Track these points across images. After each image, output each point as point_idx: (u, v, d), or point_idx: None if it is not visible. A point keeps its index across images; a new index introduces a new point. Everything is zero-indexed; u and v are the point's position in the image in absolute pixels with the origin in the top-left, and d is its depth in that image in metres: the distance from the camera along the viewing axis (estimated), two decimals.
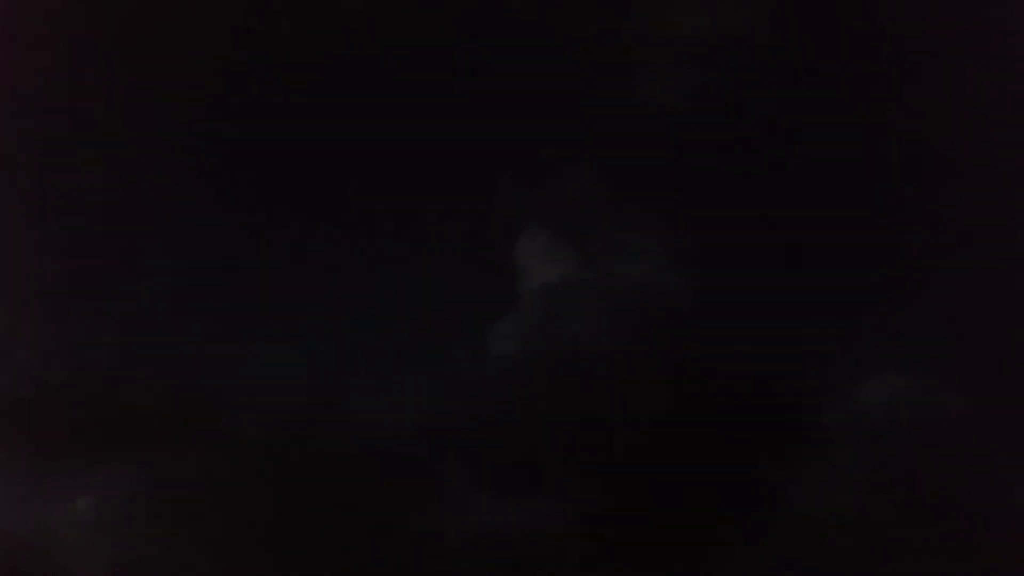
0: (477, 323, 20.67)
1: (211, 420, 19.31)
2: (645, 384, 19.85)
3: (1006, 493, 18.54)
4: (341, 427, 20.19)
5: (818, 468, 19.74)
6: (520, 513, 19.47)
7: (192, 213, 20.55)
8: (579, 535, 19.35)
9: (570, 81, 21.65)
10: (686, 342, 20.35)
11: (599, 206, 21.25)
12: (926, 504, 18.82)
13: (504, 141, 21.25)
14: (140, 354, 19.46)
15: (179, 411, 19.63)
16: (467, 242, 21.13)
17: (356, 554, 18.93)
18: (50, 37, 20.16)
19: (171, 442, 19.32)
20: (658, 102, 21.53)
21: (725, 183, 20.97)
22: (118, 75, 20.73)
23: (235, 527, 18.79)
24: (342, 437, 19.79)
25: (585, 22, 21.63)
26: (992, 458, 18.80)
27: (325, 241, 21.00)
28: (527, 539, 19.22)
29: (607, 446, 19.71)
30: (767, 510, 19.48)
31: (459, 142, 21.16)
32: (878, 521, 19.02)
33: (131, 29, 20.94)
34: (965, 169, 20.35)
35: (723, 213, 20.70)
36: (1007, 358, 18.97)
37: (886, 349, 19.87)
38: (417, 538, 19.31)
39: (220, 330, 20.19)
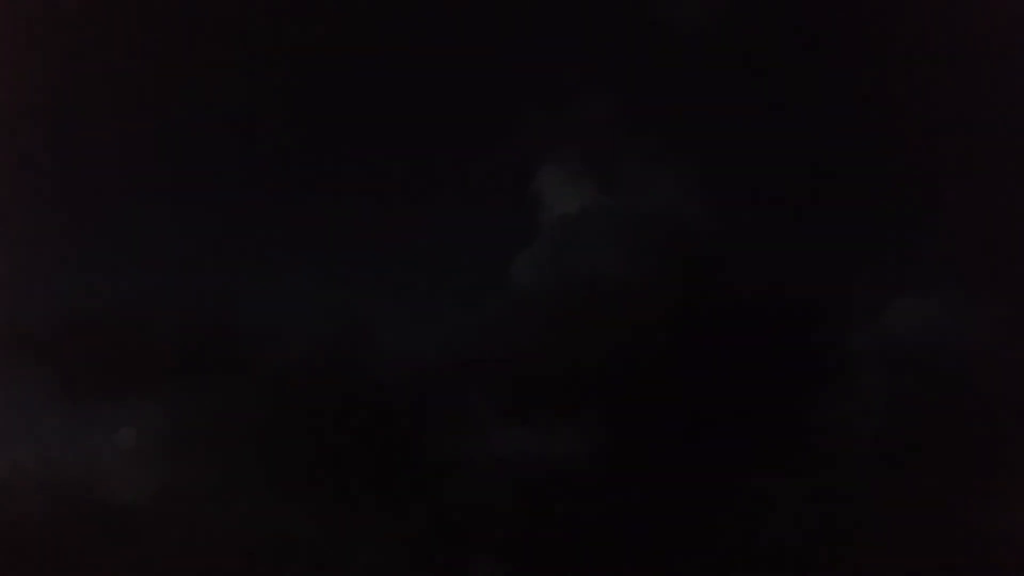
0: (499, 254, 20.81)
1: (240, 352, 19.84)
2: (666, 313, 19.82)
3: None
4: (367, 357, 20.57)
5: (844, 393, 19.63)
6: (542, 441, 19.79)
7: (217, 147, 20.97)
8: (600, 463, 19.58)
9: (589, 9, 21.41)
10: (708, 271, 20.22)
11: (619, 136, 21.18)
12: (951, 429, 18.67)
13: (524, 72, 21.17)
14: (166, 289, 20.04)
15: (207, 343, 20.21)
16: (488, 174, 21.20)
17: (381, 480, 19.42)
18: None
19: (201, 374, 19.93)
20: (679, 29, 21.23)
21: (747, 110, 20.63)
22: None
23: (266, 456, 19.37)
24: (368, 367, 20.18)
25: None
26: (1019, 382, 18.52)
27: (349, 175, 21.30)
28: (549, 466, 19.52)
29: (627, 375, 19.80)
30: (791, 437, 19.45)
31: (480, 74, 21.17)
32: (903, 446, 18.92)
33: None
34: (996, 91, 19.74)
35: (745, 140, 20.38)
36: None
37: (913, 272, 19.59)
38: (442, 465, 19.73)
39: (246, 264, 20.68)
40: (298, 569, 18.85)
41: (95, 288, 19.84)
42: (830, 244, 19.85)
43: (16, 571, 17.28)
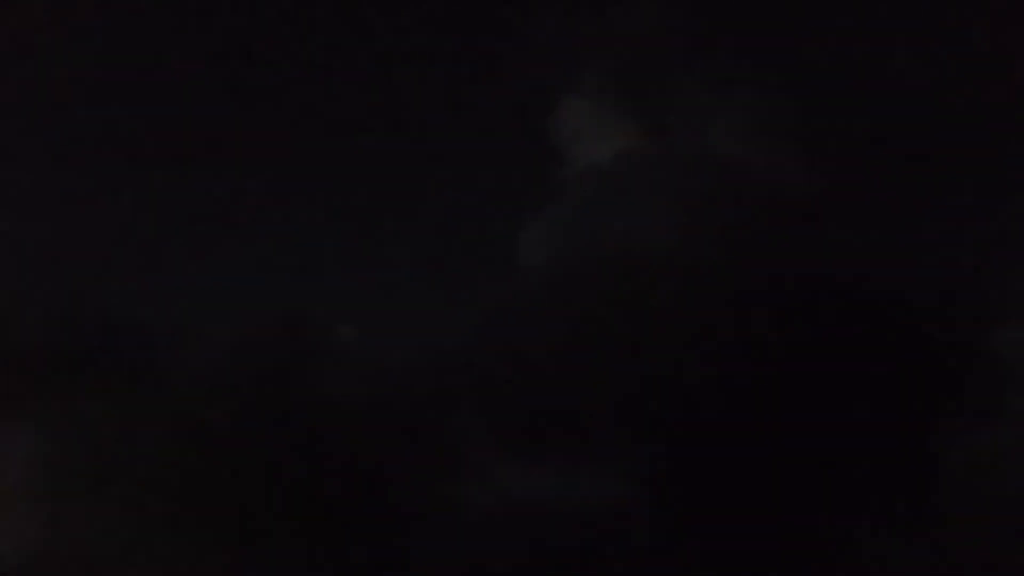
0: (502, 223, 15.55)
1: (129, 361, 14.74)
2: (729, 304, 14.50)
3: None
4: (327, 365, 15.52)
5: (985, 418, 14.45)
6: (556, 485, 14.56)
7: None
8: (637, 511, 14.41)
9: None
10: (784, 239, 14.93)
11: (662, 53, 15.23)
12: None
13: None
14: (37, 282, 15.01)
15: (117, 349, 15.28)
16: (491, 108, 15.69)
17: (339, 538, 14.37)
18: None
19: (80, 390, 14.92)
20: None
21: (828, 24, 15.14)
22: None
23: (178, 502, 14.35)
24: (318, 377, 15.09)
25: None
26: None
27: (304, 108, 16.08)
28: (570, 520, 14.29)
29: (676, 390, 14.50)
30: (908, 479, 14.29)
31: None
32: None
33: None
34: None
35: (842, 66, 15.08)
36: None
37: None
38: (424, 516, 14.64)
39: (142, 241, 15.53)
40: None
41: None
42: (966, 221, 14.42)
43: None
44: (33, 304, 15.04)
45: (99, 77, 15.76)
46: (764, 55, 14.76)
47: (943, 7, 14.48)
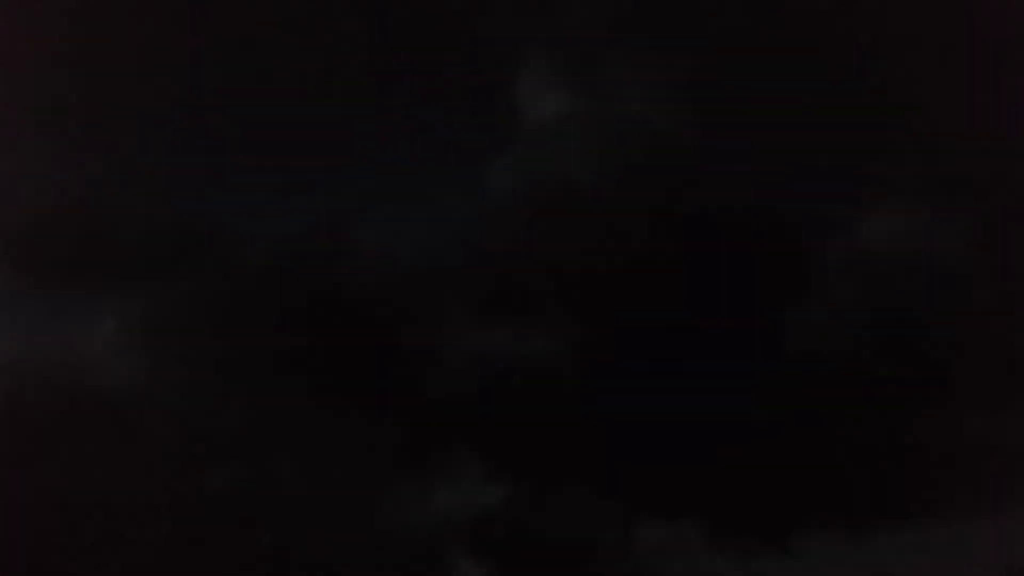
0: (476, 158, 20.88)
1: (212, 248, 20.13)
2: (639, 223, 20.02)
3: (996, 328, 18.65)
4: (341, 257, 20.86)
5: (818, 305, 19.96)
6: (516, 344, 20.24)
7: (189, 48, 20.79)
8: (572, 363, 20.08)
9: None
10: (685, 178, 20.34)
11: (600, 36, 20.94)
12: (918, 340, 19.03)
13: None
14: (143, 187, 20.20)
15: (179, 239, 20.47)
16: (467, 75, 21.07)
17: (358, 376, 19.94)
18: None
19: (174, 269, 20.29)
20: None
21: (729, 16, 20.39)
22: None
23: (242, 351, 19.85)
24: (342, 266, 20.48)
25: None
26: (986, 294, 18.83)
27: (321, 78, 21.21)
28: (523, 368, 20.00)
29: (599, 282, 20.10)
30: (762, 349, 19.84)
31: None
32: (869, 357, 19.29)
33: None
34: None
35: (726, 47, 20.14)
36: (1005, 192, 18.72)
37: (887, 184, 19.69)
38: (418, 363, 20.23)
39: (218, 162, 20.80)
40: (275, 464, 19.53)
41: (63, 183, 20.05)
42: (807, 157, 19.82)
43: (8, 461, 17.79)
44: (132, 201, 20.33)
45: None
46: (667, 41, 20.17)
47: None
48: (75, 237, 19.90)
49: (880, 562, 16.94)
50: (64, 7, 20.11)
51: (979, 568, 16.56)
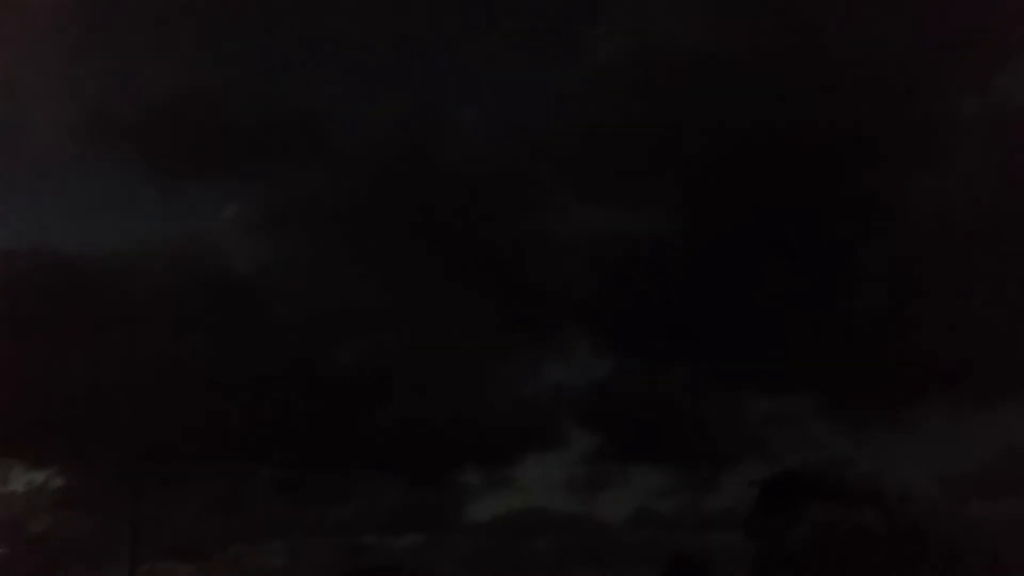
0: (576, 28, 20.44)
1: (323, 133, 20.55)
2: (756, 87, 19.34)
3: None
4: (449, 139, 21.07)
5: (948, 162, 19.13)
6: (625, 219, 20.30)
7: None
8: (683, 240, 20.02)
9: None
10: (805, 35, 19.34)
11: None
12: None
13: None
14: (249, 75, 20.63)
15: (292, 125, 20.98)
16: None
17: (464, 255, 20.37)
18: None
19: (290, 154, 20.86)
20: None
21: None
22: None
23: (357, 231, 20.46)
24: (447, 147, 20.68)
25: None
26: None
27: None
28: (627, 244, 20.04)
29: (713, 155, 19.66)
30: (879, 220, 19.36)
31: None
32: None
33: None
34: None
35: None
36: None
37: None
38: (522, 246, 20.50)
39: (330, 52, 21.01)
40: (397, 339, 20.34)
41: (180, 75, 20.56)
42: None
43: (143, 339, 18.74)
44: (248, 91, 20.82)
45: None
46: None
47: None
48: (193, 127, 20.56)
49: (999, 435, 16.88)
50: None
51: None
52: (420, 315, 19.97)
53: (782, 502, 12.84)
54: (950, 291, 18.42)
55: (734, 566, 12.96)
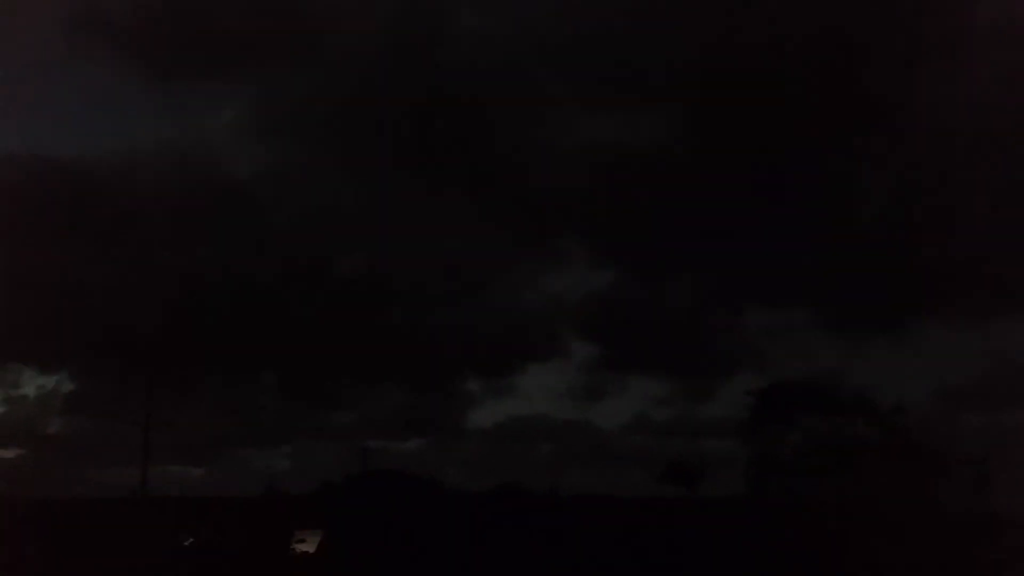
0: None
1: (319, 38, 19.87)
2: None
3: None
4: (446, 42, 20.38)
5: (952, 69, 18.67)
6: (625, 129, 19.90)
7: None
8: (683, 150, 19.68)
9: None
10: None
11: None
12: None
13: None
14: None
15: (286, 27, 20.27)
16: None
17: (465, 163, 20.03)
18: None
19: (280, 55, 20.23)
20: None
21: None
22: None
23: (349, 136, 20.02)
24: (447, 52, 20.05)
25: None
26: None
27: None
28: (627, 154, 19.69)
29: (718, 62, 19.14)
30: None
31: None
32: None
33: None
34: None
35: None
36: None
37: None
38: (522, 155, 20.15)
39: None
40: (392, 245, 20.15)
41: None
42: None
43: (145, 243, 18.47)
44: None
45: None
46: None
47: None
48: (184, 24, 19.86)
49: (997, 348, 16.89)
50: None
51: None
52: (419, 222, 19.79)
53: (777, 411, 12.99)
54: (951, 205, 18.48)
55: (728, 472, 13.27)
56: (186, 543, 10.98)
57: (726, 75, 19.15)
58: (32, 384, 20.25)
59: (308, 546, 11.06)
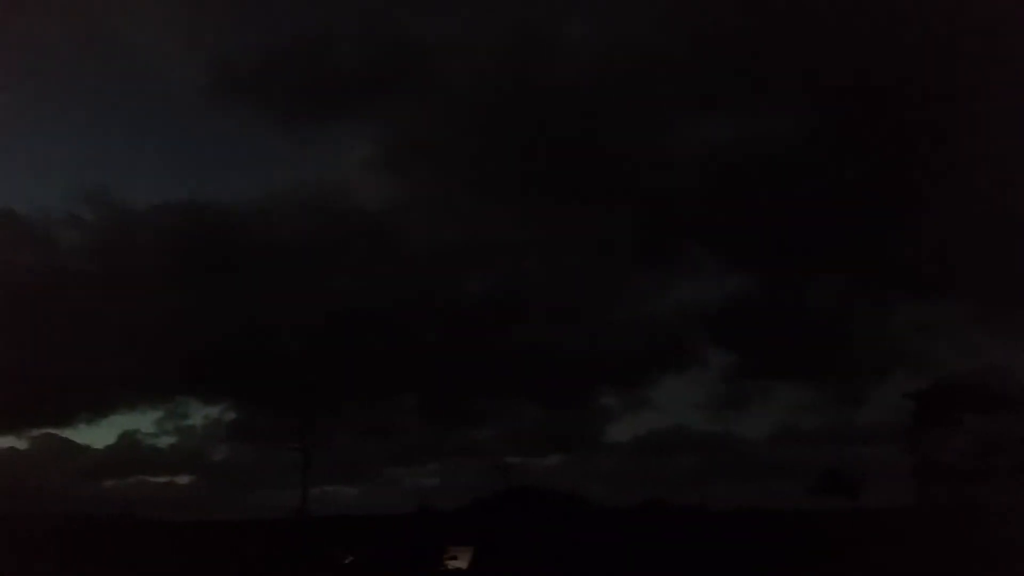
0: None
1: (433, 70, 20.41)
2: None
3: None
4: (558, 57, 20.49)
5: None
6: (742, 128, 19.31)
7: None
8: (808, 145, 18.93)
9: None
10: None
11: None
12: None
13: None
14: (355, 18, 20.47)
15: (400, 61, 20.87)
16: None
17: (581, 175, 19.94)
18: None
19: (400, 97, 20.90)
20: None
21: None
22: None
23: (477, 163, 20.39)
24: (555, 67, 20.08)
25: None
26: None
27: None
28: (752, 153, 19.10)
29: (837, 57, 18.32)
30: None
31: None
32: None
33: None
34: None
35: None
36: None
37: None
38: (644, 163, 19.91)
39: None
40: (521, 264, 20.41)
41: (292, 25, 20.66)
42: None
43: (291, 280, 19.38)
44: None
45: None
46: None
47: None
48: (306, 70, 20.87)
49: None
50: None
51: None
52: (545, 240, 19.89)
53: (941, 414, 12.25)
54: None
55: (889, 481, 12.49)
56: (346, 561, 11.48)
57: (855, 64, 18.45)
58: (198, 415, 21.59)
59: (460, 563, 11.32)
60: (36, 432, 18.72)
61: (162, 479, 19.30)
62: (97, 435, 26.41)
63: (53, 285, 18.49)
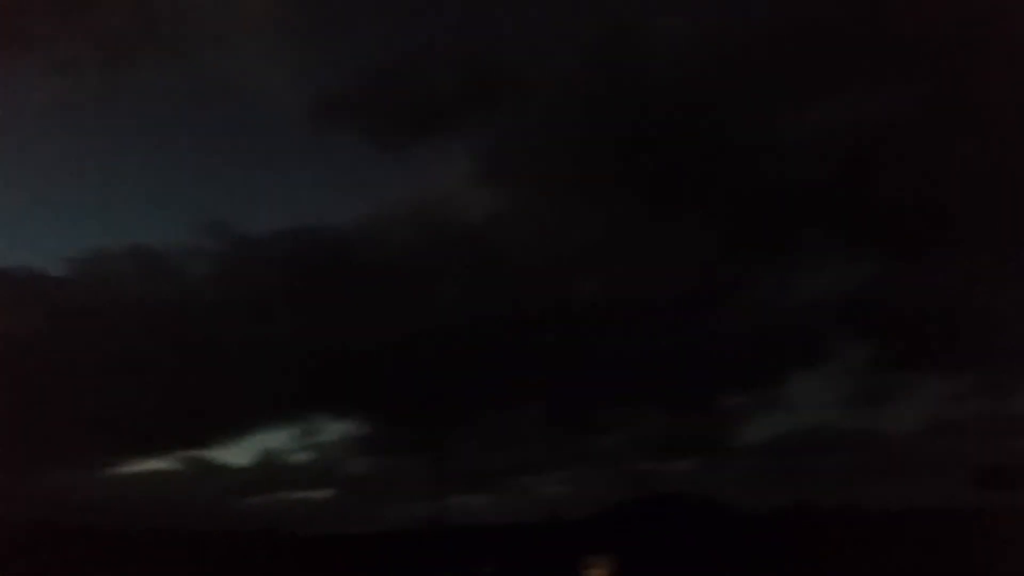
0: None
1: (526, 81, 20.45)
2: None
3: None
4: (656, 52, 20.23)
5: None
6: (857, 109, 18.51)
7: None
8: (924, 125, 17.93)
9: None
10: None
11: None
12: None
13: None
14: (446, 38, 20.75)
15: (492, 80, 20.92)
16: None
17: (687, 172, 19.52)
18: None
19: (496, 109, 21.08)
20: None
21: None
22: None
23: (573, 171, 20.32)
24: (649, 62, 19.81)
25: None
26: None
27: None
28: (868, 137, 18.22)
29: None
30: None
31: None
32: None
33: None
34: None
35: None
36: None
37: None
38: (752, 144, 19.28)
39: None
40: (634, 266, 19.99)
41: (387, 50, 21.09)
42: None
43: (407, 296, 19.68)
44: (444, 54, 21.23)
45: None
46: None
47: None
48: (403, 91, 21.19)
49: None
50: None
51: None
52: (658, 239, 19.45)
53: None
54: None
55: None
56: (487, 571, 11.42)
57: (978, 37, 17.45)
58: (333, 431, 22.20)
59: (602, 572, 11.09)
60: (181, 454, 19.76)
61: (300, 494, 20.05)
62: (237, 454, 27.84)
63: (187, 314, 19.49)
